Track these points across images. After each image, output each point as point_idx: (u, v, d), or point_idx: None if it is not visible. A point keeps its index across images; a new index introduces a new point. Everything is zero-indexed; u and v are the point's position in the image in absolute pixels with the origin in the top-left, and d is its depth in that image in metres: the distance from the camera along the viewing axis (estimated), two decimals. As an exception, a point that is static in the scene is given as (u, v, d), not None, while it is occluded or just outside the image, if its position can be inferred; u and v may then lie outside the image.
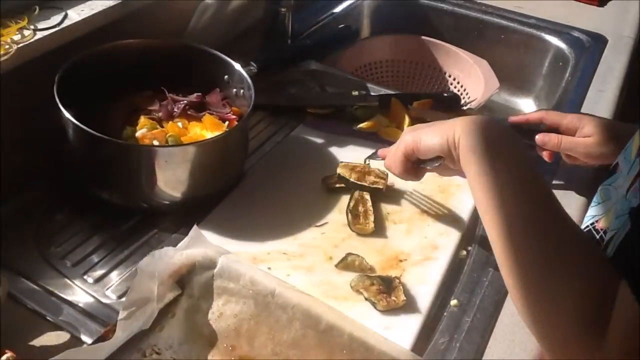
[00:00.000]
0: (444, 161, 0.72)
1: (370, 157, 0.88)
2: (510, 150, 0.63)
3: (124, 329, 0.57)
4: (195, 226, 0.68)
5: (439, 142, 0.69)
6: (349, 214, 0.81)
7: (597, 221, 0.71)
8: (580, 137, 0.84)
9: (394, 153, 0.77)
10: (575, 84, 1.22)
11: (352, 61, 1.29)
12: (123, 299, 0.65)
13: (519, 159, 0.62)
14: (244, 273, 0.64)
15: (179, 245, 0.67)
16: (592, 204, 0.75)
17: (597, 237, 0.65)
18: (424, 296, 0.72)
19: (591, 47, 1.34)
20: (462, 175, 0.68)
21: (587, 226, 0.72)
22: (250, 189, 0.86)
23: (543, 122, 0.88)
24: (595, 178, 0.90)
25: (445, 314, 0.72)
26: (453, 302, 0.73)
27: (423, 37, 1.37)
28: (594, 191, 0.73)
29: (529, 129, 0.89)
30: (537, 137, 0.87)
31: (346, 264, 0.74)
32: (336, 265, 0.74)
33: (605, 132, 0.82)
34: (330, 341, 0.60)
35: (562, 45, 1.35)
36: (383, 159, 0.83)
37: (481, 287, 0.75)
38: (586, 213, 0.75)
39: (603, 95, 1.17)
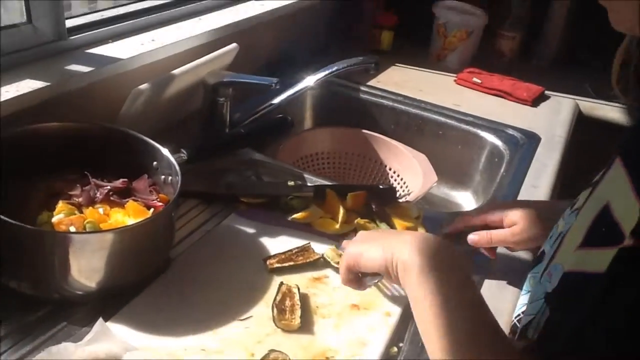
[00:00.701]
0: (382, 278, 0.74)
1: (336, 246, 0.90)
2: (458, 273, 0.64)
3: None
4: (100, 319, 0.64)
5: (379, 260, 0.69)
6: (274, 309, 0.77)
7: (523, 311, 0.71)
8: (507, 226, 0.86)
9: (341, 264, 0.78)
10: (510, 179, 1.25)
11: (292, 152, 1.30)
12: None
13: (466, 282, 0.64)
14: (151, 372, 0.59)
15: (82, 340, 0.61)
16: (522, 292, 0.75)
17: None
18: (350, 397, 0.68)
19: (525, 144, 1.38)
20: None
21: (518, 314, 0.72)
22: (175, 278, 0.82)
23: (471, 225, 0.91)
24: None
25: (373, 416, 0.68)
26: (381, 403, 0.69)
27: (363, 131, 1.40)
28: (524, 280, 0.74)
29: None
30: (468, 238, 0.89)
31: None
32: (258, 363, 0.70)
33: (529, 217, 0.84)
34: None
35: (497, 142, 1.40)
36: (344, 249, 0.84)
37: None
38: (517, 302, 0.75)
39: (536, 191, 1.20)
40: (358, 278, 0.77)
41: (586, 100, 1.68)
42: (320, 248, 0.91)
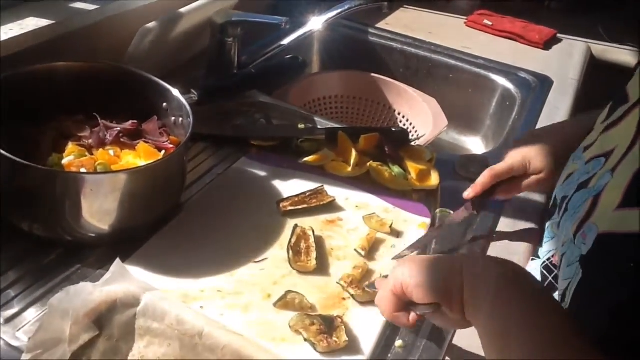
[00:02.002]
0: (438, 309, 0.57)
1: (367, 286, 0.73)
2: (527, 294, 0.53)
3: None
4: (117, 260, 0.63)
5: (438, 285, 0.56)
6: (290, 251, 0.77)
7: (552, 256, 0.70)
8: (532, 174, 0.82)
9: (384, 288, 0.62)
10: (522, 123, 1.22)
11: (301, 96, 1.27)
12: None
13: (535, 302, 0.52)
14: (169, 311, 0.59)
15: (99, 281, 0.61)
16: (545, 239, 0.74)
17: (554, 273, 0.64)
18: (368, 337, 0.68)
19: (537, 87, 1.35)
20: (457, 327, 0.62)
21: (544, 262, 0.71)
22: (187, 222, 0.81)
23: (494, 182, 0.83)
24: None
25: (389, 355, 0.68)
26: (398, 342, 0.69)
27: (373, 75, 1.37)
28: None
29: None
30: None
31: (285, 302, 0.70)
32: (274, 304, 0.70)
33: (551, 164, 0.81)
34: (262, 386, 0.55)
35: (509, 85, 1.37)
36: (378, 290, 0.66)
37: (427, 326, 0.71)
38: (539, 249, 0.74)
39: (549, 134, 1.17)
40: (404, 308, 0.61)
41: (599, 43, 1.64)
42: (333, 191, 0.90)
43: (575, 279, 0.56)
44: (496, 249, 0.86)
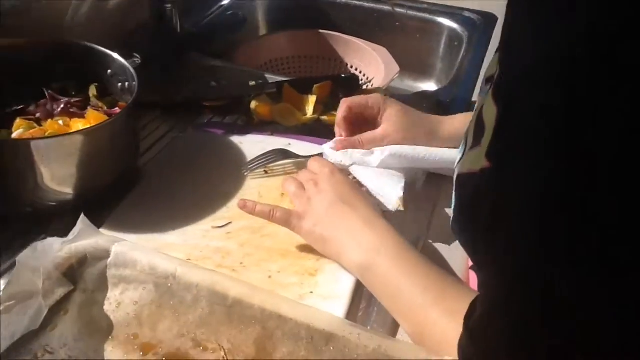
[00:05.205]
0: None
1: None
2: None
3: (3, 324, 0.51)
4: (82, 216, 0.62)
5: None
6: None
7: None
8: (382, 122, 0.83)
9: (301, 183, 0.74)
10: (470, 60, 1.24)
11: (250, 60, 1.26)
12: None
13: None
14: (140, 259, 0.59)
15: (66, 237, 0.60)
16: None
17: None
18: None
19: (482, 25, 1.37)
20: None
21: None
22: (151, 189, 0.80)
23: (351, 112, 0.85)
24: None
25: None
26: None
27: (320, 31, 1.36)
28: None
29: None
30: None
31: None
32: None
33: (403, 120, 0.82)
34: (240, 314, 0.56)
35: (454, 25, 1.38)
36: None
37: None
38: None
39: (498, 65, 1.19)
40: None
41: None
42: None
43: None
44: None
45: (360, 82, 1.06)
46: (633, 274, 0.35)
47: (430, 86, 1.46)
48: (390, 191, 0.73)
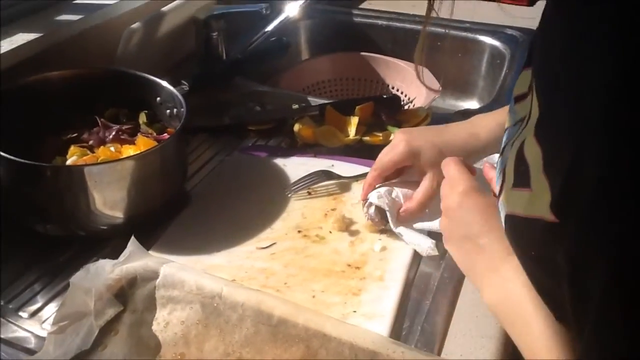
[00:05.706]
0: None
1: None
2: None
3: (56, 343, 0.53)
4: (132, 238, 0.64)
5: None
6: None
7: None
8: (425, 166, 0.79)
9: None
10: (512, 77, 1.23)
11: (293, 84, 1.29)
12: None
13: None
14: (187, 279, 0.61)
15: (118, 259, 0.63)
16: None
17: None
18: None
19: (524, 42, 1.36)
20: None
21: None
22: (199, 211, 0.83)
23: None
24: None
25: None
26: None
27: (362, 53, 1.38)
28: None
29: None
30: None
31: None
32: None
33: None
34: (285, 333, 0.57)
35: (496, 43, 1.38)
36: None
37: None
38: None
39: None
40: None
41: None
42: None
43: None
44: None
45: (402, 103, 1.06)
46: None
47: (472, 104, 1.45)
48: (422, 240, 0.74)
